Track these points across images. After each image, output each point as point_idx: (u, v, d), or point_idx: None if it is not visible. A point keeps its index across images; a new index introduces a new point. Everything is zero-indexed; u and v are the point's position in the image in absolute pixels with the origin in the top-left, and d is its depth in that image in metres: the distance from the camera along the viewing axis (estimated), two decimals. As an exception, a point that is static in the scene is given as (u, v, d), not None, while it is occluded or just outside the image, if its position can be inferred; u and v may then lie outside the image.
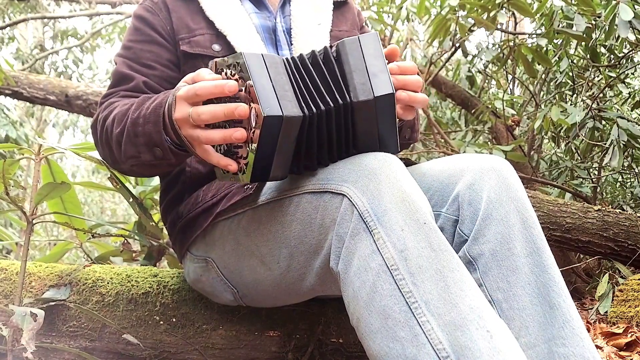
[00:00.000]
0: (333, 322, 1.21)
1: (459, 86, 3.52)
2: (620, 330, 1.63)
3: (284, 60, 0.83)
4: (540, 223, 1.08)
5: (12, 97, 3.39)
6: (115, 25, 6.91)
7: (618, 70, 2.70)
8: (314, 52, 0.86)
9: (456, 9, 2.55)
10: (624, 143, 2.34)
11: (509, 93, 3.44)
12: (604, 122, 2.65)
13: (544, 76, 3.18)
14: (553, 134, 3.13)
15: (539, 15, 2.73)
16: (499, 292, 0.84)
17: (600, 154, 2.97)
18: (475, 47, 3.52)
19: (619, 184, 3.37)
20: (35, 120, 8.66)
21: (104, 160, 1.09)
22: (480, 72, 3.57)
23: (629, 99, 3.22)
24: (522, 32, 3.30)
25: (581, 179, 2.87)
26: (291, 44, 1.16)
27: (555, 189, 2.82)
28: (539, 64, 2.83)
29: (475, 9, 2.54)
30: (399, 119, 0.92)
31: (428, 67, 3.18)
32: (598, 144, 2.72)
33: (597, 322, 1.85)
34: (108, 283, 1.23)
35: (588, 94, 2.94)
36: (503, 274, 0.84)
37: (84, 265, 1.29)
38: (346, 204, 0.79)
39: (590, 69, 2.88)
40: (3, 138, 4.15)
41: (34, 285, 1.23)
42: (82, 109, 3.34)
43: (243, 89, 0.79)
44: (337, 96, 0.83)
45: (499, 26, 2.63)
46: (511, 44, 2.72)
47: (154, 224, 1.37)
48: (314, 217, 0.85)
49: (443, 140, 3.14)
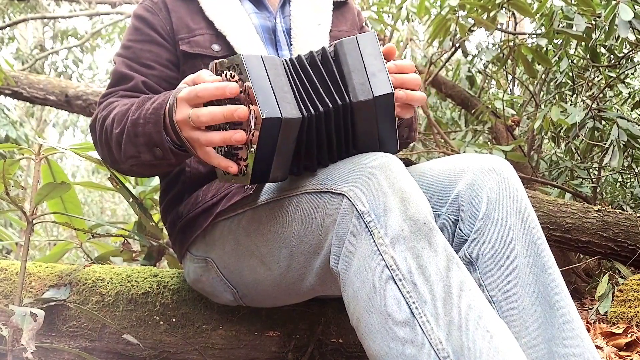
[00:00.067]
0: (333, 322, 1.21)
1: (459, 86, 3.52)
2: (620, 330, 1.63)
3: (284, 61, 0.83)
4: (540, 223, 1.08)
5: (12, 97, 3.39)
6: (115, 25, 6.91)
7: (618, 70, 2.70)
8: (312, 53, 0.86)
9: (456, 9, 2.55)
10: (624, 143, 2.34)
11: (509, 93, 3.44)
12: (604, 122, 2.65)
13: (544, 76, 3.18)
14: (553, 134, 3.12)
15: (539, 15, 2.73)
16: (499, 292, 0.84)
17: (600, 154, 2.97)
18: (475, 47, 3.52)
19: (619, 184, 3.37)
20: (35, 120, 8.66)
21: (103, 160, 1.09)
22: (480, 72, 3.57)
23: (629, 99, 3.22)
24: (522, 32, 3.30)
25: (581, 179, 2.87)
26: (291, 45, 1.16)
27: (555, 189, 2.81)
28: (539, 64, 2.83)
29: (475, 9, 2.54)
30: (398, 118, 0.92)
31: (428, 67, 3.18)
32: (598, 144, 2.72)
33: (597, 322, 1.85)
34: (108, 283, 1.23)
35: (588, 94, 2.93)
36: (503, 274, 0.84)
37: (84, 265, 1.29)
38: (346, 204, 0.79)
39: (590, 69, 2.88)
40: (3, 138, 4.15)
41: (34, 285, 1.23)
42: (82, 109, 3.33)
43: (242, 90, 0.79)
44: (337, 97, 0.83)
45: (499, 26, 2.63)
46: (511, 44, 2.72)
47: (154, 224, 1.37)
48: (313, 217, 0.85)
49: (443, 140, 3.14)
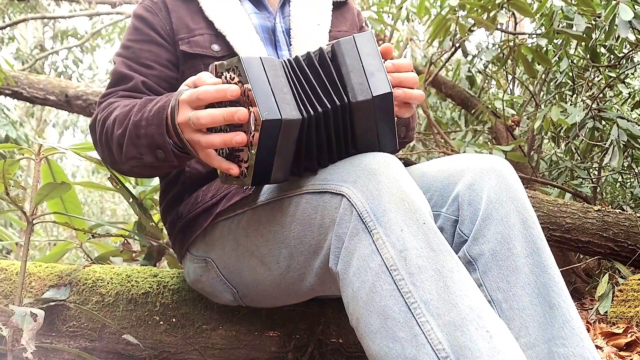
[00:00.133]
0: (333, 322, 1.21)
1: (459, 86, 3.52)
2: (620, 330, 1.63)
3: (283, 62, 0.83)
4: (540, 223, 1.07)
5: (12, 97, 3.39)
6: (115, 25, 6.91)
7: (618, 70, 2.70)
8: (309, 54, 0.86)
9: (456, 9, 2.55)
10: (624, 143, 2.34)
11: (509, 93, 3.44)
12: (604, 122, 2.65)
13: (544, 76, 3.18)
14: (553, 134, 3.12)
15: (539, 15, 2.73)
16: (498, 292, 0.84)
17: (600, 154, 2.97)
18: (475, 47, 3.52)
19: (619, 184, 3.37)
20: (35, 120, 8.66)
21: (103, 161, 1.09)
22: (480, 72, 3.57)
23: (629, 99, 3.22)
24: (522, 32, 3.30)
25: (581, 179, 2.87)
26: (290, 45, 1.16)
27: (555, 189, 2.81)
28: (539, 64, 2.83)
29: (475, 9, 2.54)
30: (396, 117, 0.92)
31: (428, 67, 3.17)
32: (598, 144, 2.72)
33: (597, 322, 1.85)
34: (108, 283, 1.23)
35: (588, 94, 2.93)
36: (503, 274, 0.84)
37: (84, 265, 1.29)
38: (345, 204, 0.79)
39: (590, 69, 2.88)
40: (3, 138, 4.15)
41: (34, 285, 1.23)
42: (82, 109, 3.33)
43: (242, 92, 0.79)
44: (336, 97, 0.83)
45: (499, 26, 2.63)
46: (511, 44, 2.71)
47: (153, 224, 1.37)
48: (313, 218, 0.85)
49: (443, 140, 3.14)
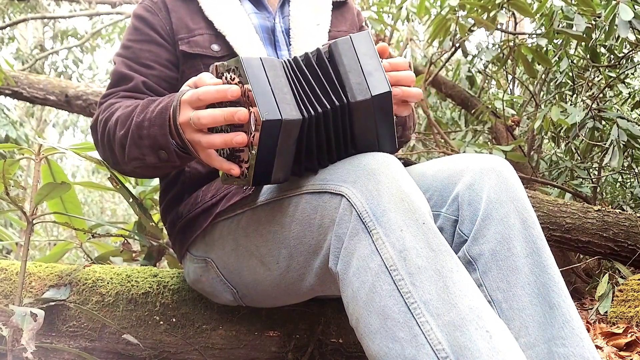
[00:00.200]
0: (333, 322, 1.21)
1: (459, 86, 3.52)
2: (620, 330, 1.63)
3: (283, 63, 0.83)
4: (540, 223, 1.07)
5: (12, 97, 3.39)
6: (115, 25, 6.91)
7: (618, 70, 2.70)
8: (307, 54, 0.86)
9: (456, 9, 2.55)
10: (624, 143, 2.34)
11: (509, 93, 3.44)
12: (604, 122, 2.65)
13: (544, 76, 3.18)
14: (553, 134, 3.12)
15: (539, 15, 2.73)
16: (498, 292, 0.84)
17: (600, 154, 2.97)
18: (475, 47, 3.52)
19: (619, 184, 3.37)
20: (35, 120, 8.66)
21: (105, 161, 1.09)
22: (480, 72, 3.57)
23: (629, 99, 3.22)
24: (522, 32, 3.30)
25: (581, 179, 2.87)
26: (290, 45, 1.16)
27: (555, 189, 2.81)
28: (539, 64, 2.83)
29: (475, 9, 2.54)
30: (395, 116, 0.92)
31: (428, 67, 3.17)
32: (598, 144, 2.72)
33: (597, 322, 1.85)
34: (108, 283, 1.23)
35: (588, 94, 2.93)
36: (503, 274, 0.84)
37: (84, 265, 1.29)
38: (345, 205, 0.79)
39: (590, 69, 2.88)
40: (3, 138, 4.15)
41: (34, 285, 1.23)
42: (82, 109, 3.33)
43: (242, 93, 0.79)
44: (335, 98, 0.83)
45: (499, 26, 2.63)
46: (511, 44, 2.71)
47: (153, 224, 1.37)
48: (313, 218, 0.85)
49: (443, 140, 3.14)
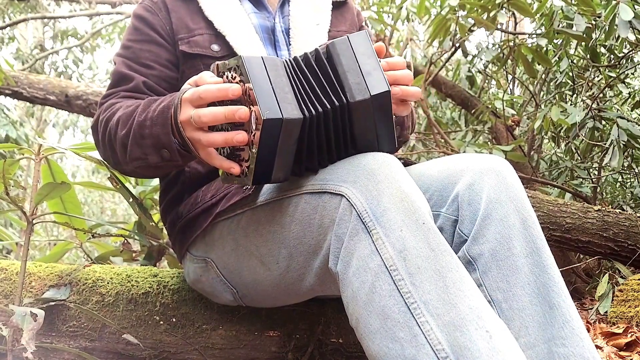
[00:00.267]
0: (333, 322, 1.21)
1: (459, 86, 3.52)
2: (620, 330, 1.63)
3: (284, 62, 0.83)
4: (540, 223, 1.07)
5: (12, 97, 3.39)
6: (115, 25, 6.91)
7: (618, 70, 2.70)
8: (307, 54, 0.86)
9: (456, 9, 2.55)
10: (624, 143, 2.34)
11: (509, 93, 3.44)
12: (604, 122, 2.65)
13: (544, 76, 3.18)
14: (553, 134, 3.12)
15: (539, 15, 2.73)
16: (498, 292, 0.84)
17: (600, 154, 2.97)
18: (475, 47, 3.52)
19: (619, 184, 3.37)
20: (35, 120, 8.66)
21: (106, 161, 1.09)
22: (480, 72, 3.57)
23: (629, 99, 3.22)
24: (522, 32, 3.30)
25: (581, 179, 2.87)
26: (289, 44, 1.16)
27: (555, 189, 2.81)
28: (539, 64, 2.83)
29: (475, 9, 2.54)
30: (394, 115, 0.92)
31: (428, 67, 3.17)
32: (598, 144, 2.72)
33: (597, 322, 1.85)
34: (108, 283, 1.23)
35: (588, 94, 2.93)
36: (503, 274, 0.84)
37: (84, 265, 1.29)
38: (345, 205, 0.79)
39: (590, 69, 2.88)
40: (3, 138, 4.15)
41: (34, 285, 1.23)
42: (82, 109, 3.34)
43: (243, 91, 0.79)
44: (335, 97, 0.83)
45: (499, 26, 2.63)
46: (511, 44, 2.71)
47: (154, 224, 1.37)
48: (313, 218, 0.85)
49: (443, 140, 3.14)
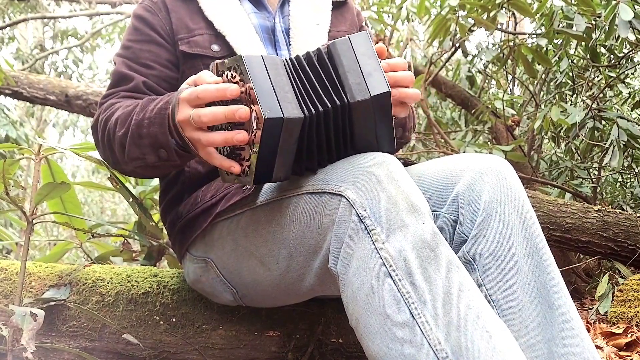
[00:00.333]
0: (333, 322, 1.21)
1: (459, 86, 3.52)
2: (620, 330, 1.63)
3: (284, 61, 0.83)
4: (540, 223, 1.07)
5: (12, 97, 3.39)
6: (115, 25, 6.91)
7: (618, 70, 2.70)
8: (308, 54, 0.86)
9: (456, 9, 2.55)
10: (624, 143, 2.34)
11: (509, 93, 3.44)
12: (604, 122, 2.65)
13: (544, 76, 3.18)
14: (553, 134, 3.12)
15: (539, 15, 2.73)
16: (498, 292, 0.84)
17: (600, 154, 2.97)
18: (475, 47, 3.52)
19: (619, 184, 3.37)
20: (35, 120, 8.66)
21: (105, 161, 1.09)
22: (480, 72, 3.57)
23: (629, 99, 3.22)
24: (522, 32, 3.30)
25: (581, 179, 2.87)
26: (289, 44, 1.16)
27: (555, 189, 2.81)
28: (539, 64, 2.83)
29: (475, 9, 2.54)
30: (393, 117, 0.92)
31: (428, 67, 3.17)
32: (598, 144, 2.72)
33: (597, 322, 1.85)
34: (108, 283, 1.23)
35: (588, 94, 2.93)
36: (503, 274, 0.84)
37: (84, 265, 1.29)
38: (344, 205, 0.79)
39: (590, 69, 2.88)
40: (3, 138, 4.15)
41: (34, 285, 1.23)
42: (82, 109, 3.34)
43: (243, 91, 0.79)
44: (335, 97, 0.83)
45: (499, 26, 2.63)
46: (511, 44, 2.71)
47: (154, 224, 1.37)
48: (312, 218, 0.85)
49: (443, 140, 3.14)
